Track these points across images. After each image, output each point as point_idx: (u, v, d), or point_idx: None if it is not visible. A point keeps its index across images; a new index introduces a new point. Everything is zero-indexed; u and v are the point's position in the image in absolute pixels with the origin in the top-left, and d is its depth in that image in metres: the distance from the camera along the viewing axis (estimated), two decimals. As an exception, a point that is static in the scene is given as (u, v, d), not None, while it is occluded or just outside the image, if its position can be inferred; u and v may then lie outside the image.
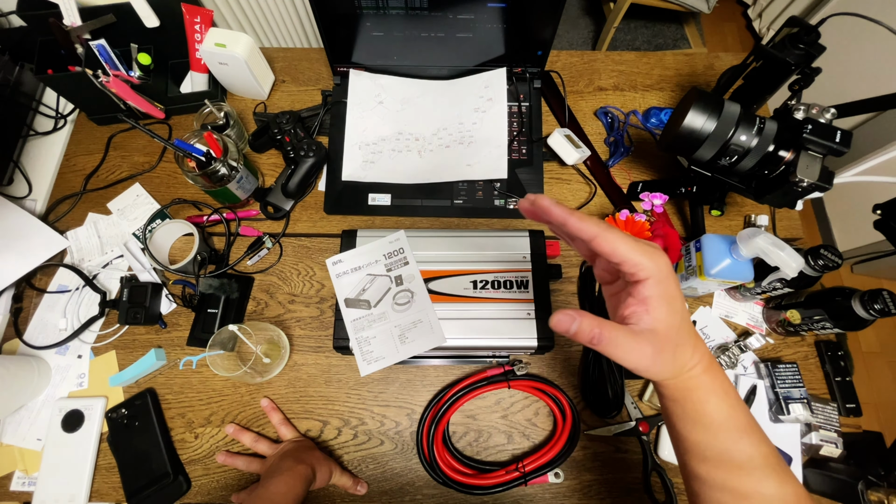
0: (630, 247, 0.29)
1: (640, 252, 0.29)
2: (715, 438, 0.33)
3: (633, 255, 0.29)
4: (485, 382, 0.61)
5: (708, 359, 0.33)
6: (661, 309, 0.30)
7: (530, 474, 0.57)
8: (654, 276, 0.29)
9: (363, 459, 0.60)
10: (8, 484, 0.59)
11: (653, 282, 0.30)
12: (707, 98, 0.56)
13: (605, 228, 0.29)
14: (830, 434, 0.58)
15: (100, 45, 0.67)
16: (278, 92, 0.80)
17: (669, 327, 0.30)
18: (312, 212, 0.72)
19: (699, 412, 0.33)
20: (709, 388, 0.32)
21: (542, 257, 0.60)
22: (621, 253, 0.29)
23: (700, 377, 0.32)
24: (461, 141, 0.73)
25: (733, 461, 0.33)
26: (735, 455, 0.33)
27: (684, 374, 0.32)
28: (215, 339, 0.57)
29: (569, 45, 1.94)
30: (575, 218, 0.30)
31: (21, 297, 0.67)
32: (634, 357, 0.29)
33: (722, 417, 0.33)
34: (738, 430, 0.33)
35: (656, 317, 0.30)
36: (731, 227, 0.71)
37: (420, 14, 0.65)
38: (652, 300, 0.30)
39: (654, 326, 0.30)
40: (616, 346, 0.29)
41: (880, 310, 0.51)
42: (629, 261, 0.29)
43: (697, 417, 0.33)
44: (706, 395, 0.32)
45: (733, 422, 0.33)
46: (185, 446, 0.60)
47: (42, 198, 0.72)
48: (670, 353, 0.31)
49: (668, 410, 0.35)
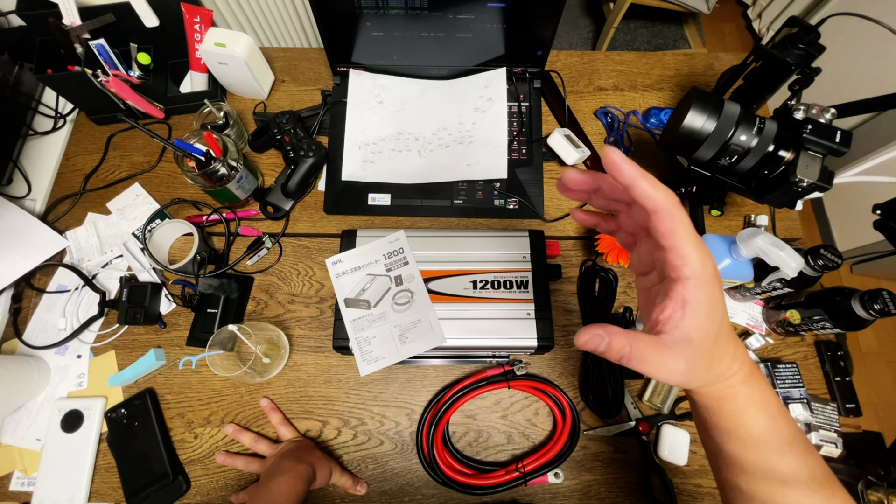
0: (689, 235, 0.26)
1: (695, 246, 0.26)
2: (756, 452, 0.31)
3: (686, 246, 0.26)
4: (485, 382, 0.61)
5: (749, 367, 0.30)
6: (699, 316, 0.27)
7: (530, 474, 0.57)
8: (698, 277, 0.26)
9: (363, 459, 0.60)
10: (7, 484, 0.59)
11: (694, 283, 0.26)
12: (707, 98, 0.56)
13: (676, 205, 0.26)
14: (830, 434, 0.58)
15: (99, 44, 0.67)
16: (278, 92, 0.80)
17: (706, 336, 0.27)
18: (312, 212, 0.72)
19: (736, 424, 0.31)
20: (747, 399, 0.30)
21: (541, 257, 0.60)
22: (679, 237, 0.26)
23: (738, 387, 0.30)
24: (461, 141, 0.73)
25: (776, 475, 0.31)
26: (779, 469, 0.31)
27: (720, 384, 0.30)
28: (215, 339, 0.57)
29: (569, 45, 1.94)
30: (647, 182, 0.26)
31: (20, 296, 0.67)
32: (665, 374, 0.27)
33: (761, 429, 0.30)
34: (781, 443, 0.31)
35: (693, 324, 0.27)
36: (731, 227, 0.71)
37: (420, 14, 0.65)
38: (691, 304, 0.27)
39: (690, 335, 0.27)
40: (647, 363, 0.26)
41: (880, 310, 0.51)
42: (680, 249, 0.26)
43: (734, 429, 0.31)
44: (744, 405, 0.30)
45: (775, 434, 0.31)
46: (184, 446, 0.60)
47: (41, 197, 0.72)
48: (705, 364, 0.28)
49: (702, 419, 0.32)
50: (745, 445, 0.31)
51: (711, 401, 0.31)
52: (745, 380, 0.30)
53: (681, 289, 0.27)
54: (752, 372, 0.30)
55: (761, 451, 0.31)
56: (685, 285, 0.26)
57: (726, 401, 0.30)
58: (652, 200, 0.26)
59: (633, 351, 0.26)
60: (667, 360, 0.27)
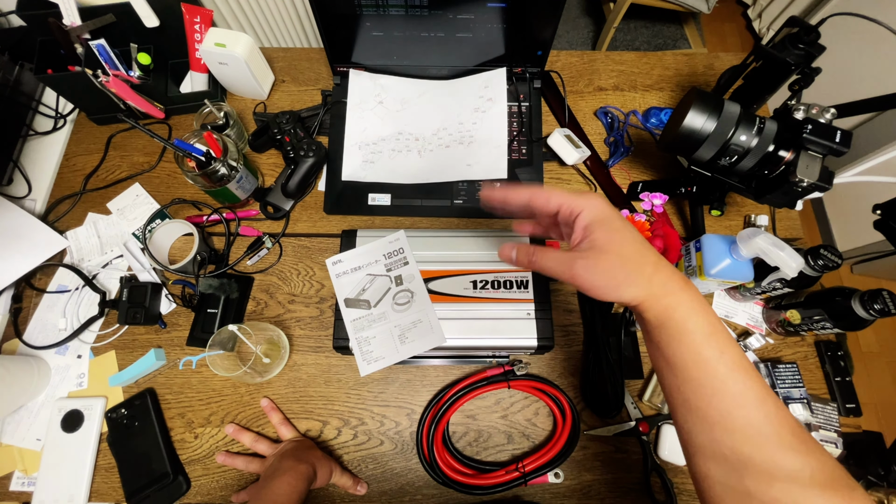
0: (563, 193, 0.34)
1: (574, 195, 0.34)
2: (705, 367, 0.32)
3: (566, 199, 0.34)
4: (485, 382, 0.61)
5: (681, 277, 0.34)
6: (601, 232, 0.33)
7: (530, 474, 0.57)
8: (588, 208, 0.34)
9: (363, 459, 0.60)
10: (7, 484, 0.59)
11: (587, 213, 0.34)
12: (707, 98, 0.56)
13: (538, 188, 0.35)
14: (830, 434, 0.58)
15: (99, 44, 0.67)
16: (278, 92, 0.80)
17: (622, 246, 0.33)
18: (312, 212, 0.72)
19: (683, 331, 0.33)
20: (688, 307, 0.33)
21: (541, 257, 0.60)
22: (555, 197, 0.34)
23: (679, 294, 0.33)
24: (461, 141, 0.73)
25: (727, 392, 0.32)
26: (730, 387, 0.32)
27: (666, 295, 0.33)
28: (215, 339, 0.57)
29: (569, 45, 1.94)
30: (513, 193, 0.35)
31: (20, 297, 0.67)
32: (590, 277, 0.33)
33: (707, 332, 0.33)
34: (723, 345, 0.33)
35: (600, 237, 0.33)
36: (731, 227, 0.71)
37: (420, 14, 0.65)
38: (591, 226, 0.33)
39: (602, 246, 0.33)
40: (552, 262, 0.34)
41: (880, 310, 0.51)
42: (564, 203, 0.34)
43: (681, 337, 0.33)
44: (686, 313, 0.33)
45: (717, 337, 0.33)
46: (184, 446, 0.60)
47: (42, 198, 0.72)
48: (638, 272, 0.33)
49: (655, 339, 0.35)
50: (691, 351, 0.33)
51: (660, 311, 0.33)
52: (684, 287, 0.34)
53: (578, 220, 0.34)
54: (688, 281, 0.34)
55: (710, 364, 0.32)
56: (581, 216, 0.34)
57: (672, 309, 0.33)
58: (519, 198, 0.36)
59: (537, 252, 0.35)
60: (588, 263, 0.33)
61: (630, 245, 0.33)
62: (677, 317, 0.33)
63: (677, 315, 0.33)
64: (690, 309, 0.33)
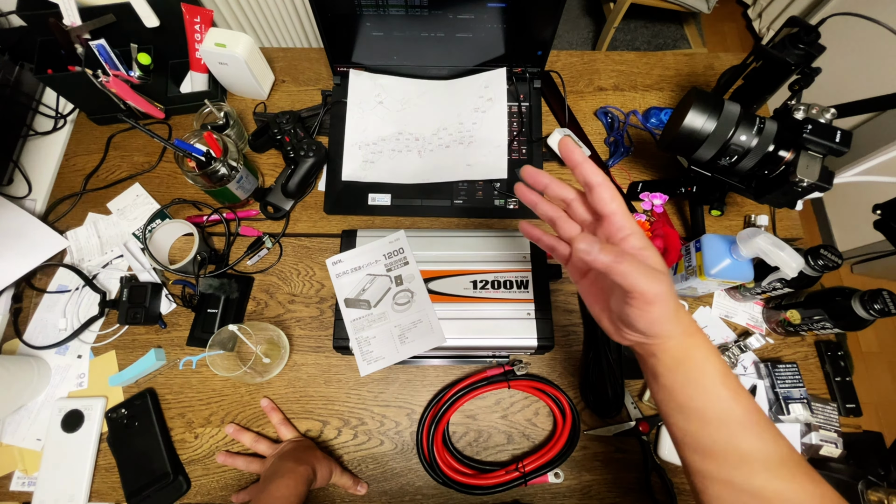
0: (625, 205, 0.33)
1: (631, 217, 0.33)
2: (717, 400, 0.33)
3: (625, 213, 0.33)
4: (485, 382, 0.61)
5: (697, 328, 0.34)
6: (654, 256, 0.32)
7: (530, 474, 0.57)
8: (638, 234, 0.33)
9: (363, 459, 0.60)
10: (8, 484, 0.59)
11: (639, 239, 0.33)
12: (707, 98, 0.56)
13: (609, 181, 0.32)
14: (830, 434, 0.58)
15: (99, 44, 0.67)
16: (278, 92, 0.80)
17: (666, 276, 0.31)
18: (312, 212, 0.72)
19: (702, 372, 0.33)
20: (707, 348, 0.33)
21: (542, 257, 0.60)
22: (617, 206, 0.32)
23: (696, 336, 0.33)
24: (461, 141, 0.73)
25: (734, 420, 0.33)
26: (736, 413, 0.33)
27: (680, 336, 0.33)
28: (215, 339, 0.57)
29: (569, 45, 1.94)
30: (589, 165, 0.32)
31: (21, 297, 0.67)
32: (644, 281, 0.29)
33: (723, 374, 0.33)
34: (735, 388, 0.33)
35: (654, 260, 0.32)
36: (731, 227, 0.71)
37: (420, 14, 0.65)
38: (645, 251, 0.32)
39: (658, 267, 0.31)
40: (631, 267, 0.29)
41: (880, 310, 0.51)
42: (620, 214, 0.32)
43: (699, 378, 0.33)
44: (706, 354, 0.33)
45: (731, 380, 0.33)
46: (184, 446, 0.60)
47: (42, 198, 0.72)
48: (680, 308, 0.32)
49: (669, 379, 0.34)
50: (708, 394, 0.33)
51: (681, 351, 0.33)
52: (699, 329, 0.34)
53: (628, 240, 0.32)
54: (698, 329, 0.34)
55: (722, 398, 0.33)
56: (630, 238, 0.32)
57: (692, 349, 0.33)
58: (593, 176, 0.32)
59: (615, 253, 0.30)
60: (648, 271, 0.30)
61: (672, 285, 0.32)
62: (698, 356, 0.33)
63: (698, 355, 0.33)
64: (709, 350, 0.33)
